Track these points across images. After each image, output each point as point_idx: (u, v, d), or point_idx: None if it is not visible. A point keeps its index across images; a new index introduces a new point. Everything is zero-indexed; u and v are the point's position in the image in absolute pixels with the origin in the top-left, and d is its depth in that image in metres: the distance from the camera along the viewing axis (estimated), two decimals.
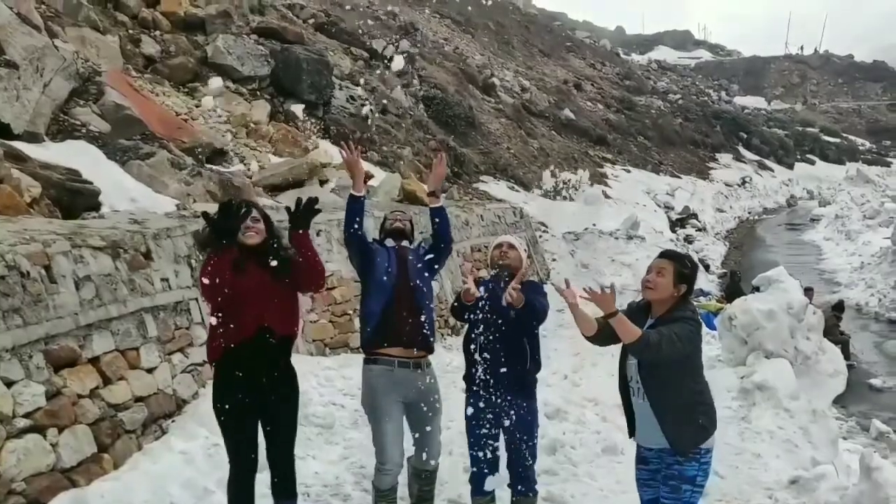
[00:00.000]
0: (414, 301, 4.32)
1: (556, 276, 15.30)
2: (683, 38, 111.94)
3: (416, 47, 28.14)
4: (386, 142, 17.97)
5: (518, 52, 49.55)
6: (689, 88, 72.93)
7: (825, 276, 22.34)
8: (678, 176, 38.51)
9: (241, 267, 3.79)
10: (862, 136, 75.88)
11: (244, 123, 12.96)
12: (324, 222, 8.45)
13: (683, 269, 3.74)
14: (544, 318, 4.25)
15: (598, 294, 3.50)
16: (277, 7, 21.70)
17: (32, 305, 4.26)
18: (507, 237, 4.52)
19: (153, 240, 5.68)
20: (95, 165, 7.73)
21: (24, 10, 8.46)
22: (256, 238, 3.89)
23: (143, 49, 13.32)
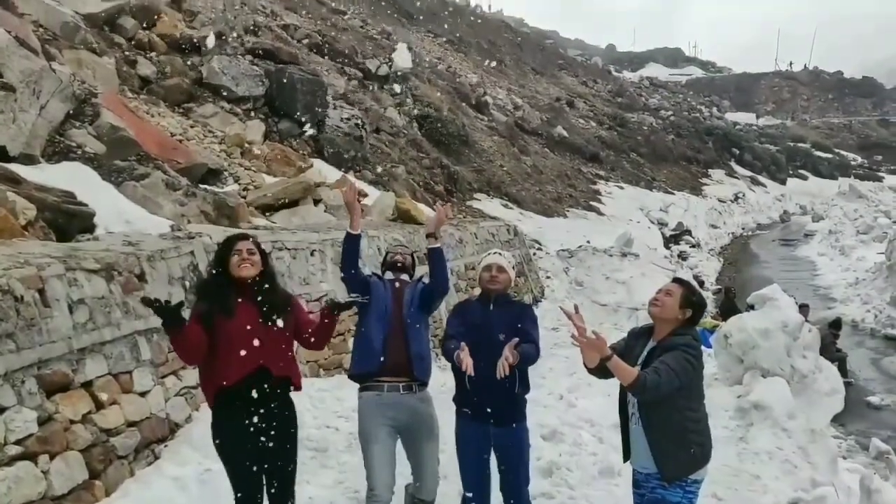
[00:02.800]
0: (407, 339, 4.31)
1: (550, 294, 15.31)
2: (674, 56, 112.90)
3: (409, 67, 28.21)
4: (380, 161, 18.00)
5: (510, 70, 49.84)
6: (680, 105, 73.47)
7: (820, 292, 22.36)
8: (671, 192, 38.65)
9: (230, 309, 3.73)
10: (853, 152, 76.36)
11: (239, 143, 12.97)
12: (318, 242, 8.45)
13: (691, 295, 3.76)
14: (536, 359, 4.23)
15: (590, 340, 3.49)
16: (272, 28, 21.78)
17: (26, 330, 4.24)
18: (496, 257, 4.43)
19: (147, 262, 5.66)
20: (90, 187, 7.70)
21: (22, 34, 8.47)
22: (251, 270, 3.82)
23: (139, 70, 13.35)
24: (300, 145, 15.14)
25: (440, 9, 51.20)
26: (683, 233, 29.68)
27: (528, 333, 4.19)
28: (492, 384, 4.06)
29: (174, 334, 3.64)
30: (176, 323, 3.56)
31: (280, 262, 7.45)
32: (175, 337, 3.66)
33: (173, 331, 3.61)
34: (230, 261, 3.81)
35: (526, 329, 4.20)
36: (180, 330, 3.60)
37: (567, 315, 3.74)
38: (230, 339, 3.70)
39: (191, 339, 3.66)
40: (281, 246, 7.71)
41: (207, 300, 3.78)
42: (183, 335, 3.63)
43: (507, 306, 4.35)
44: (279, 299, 3.89)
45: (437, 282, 4.49)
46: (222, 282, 3.81)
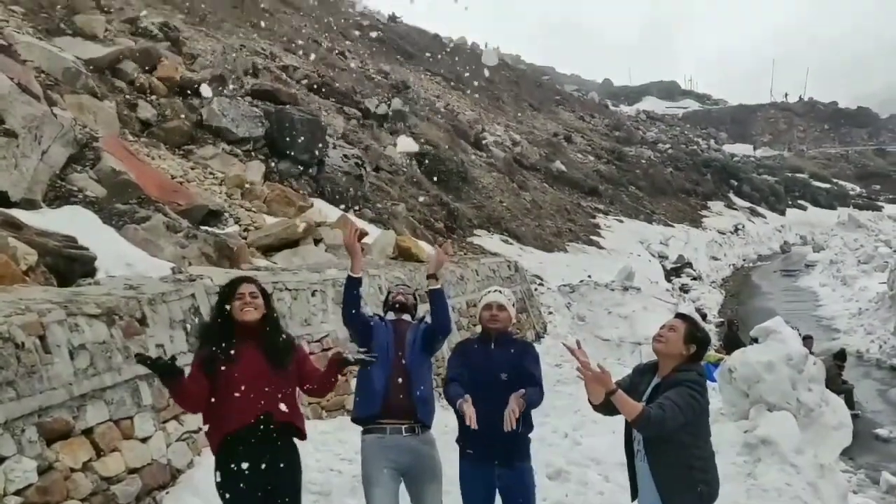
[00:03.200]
0: (410, 382, 4.29)
1: (553, 330, 15.26)
2: (670, 89, 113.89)
3: (407, 105, 28.49)
4: (380, 199, 18.07)
5: (508, 106, 50.26)
6: (677, 138, 73.92)
7: (823, 323, 22.29)
8: (671, 225, 38.73)
9: (233, 353, 3.71)
10: (851, 181, 76.67)
11: (239, 184, 13.02)
12: (319, 282, 8.44)
13: (695, 330, 3.75)
14: (541, 401, 4.21)
15: (595, 374, 3.48)
16: (271, 69, 22.02)
17: (26, 377, 4.21)
18: (496, 296, 4.42)
19: (148, 305, 5.65)
20: (91, 231, 7.72)
21: (24, 81, 8.56)
22: (254, 314, 3.80)
23: (140, 113, 13.46)
24: (300, 185, 15.20)
25: (437, 48, 51.76)
26: (684, 265, 29.67)
27: (530, 374, 4.18)
28: (495, 425, 4.02)
29: (172, 386, 3.65)
30: (172, 376, 3.57)
31: (281, 304, 7.43)
32: (173, 389, 3.67)
33: (171, 383, 3.62)
34: (233, 304, 3.81)
35: (528, 369, 4.19)
36: (178, 382, 3.60)
37: (570, 350, 3.73)
38: (233, 384, 3.68)
39: (190, 389, 3.65)
40: (282, 287, 7.69)
41: (210, 345, 3.77)
42: (181, 386, 3.63)
43: (508, 345, 4.33)
44: (283, 343, 3.87)
45: (438, 323, 4.48)
46: (225, 326, 3.80)
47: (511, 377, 4.14)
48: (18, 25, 13.25)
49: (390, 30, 51.02)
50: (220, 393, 3.69)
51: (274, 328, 3.88)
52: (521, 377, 4.16)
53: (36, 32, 13.45)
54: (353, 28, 45.58)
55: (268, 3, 36.78)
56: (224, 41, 23.06)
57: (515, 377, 4.15)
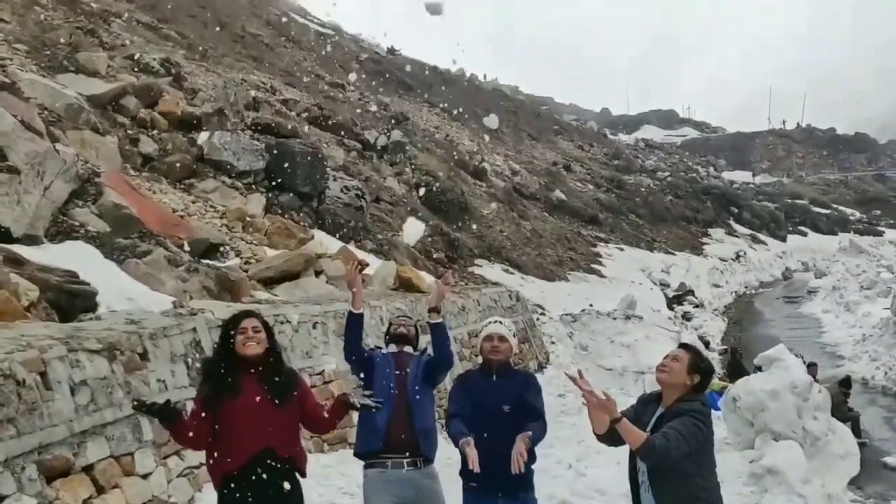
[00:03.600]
0: (412, 416, 4.28)
1: (555, 360, 15.20)
2: (668, 117, 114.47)
3: (407, 136, 28.66)
4: (380, 230, 18.11)
5: (507, 136, 50.54)
6: (677, 165, 74.23)
7: (827, 350, 22.18)
8: (672, 253, 38.74)
9: (236, 388, 3.71)
10: (851, 207, 76.78)
11: (240, 217, 13.06)
12: (320, 314, 8.44)
13: (699, 360, 3.74)
14: (545, 435, 4.20)
15: (600, 401, 3.47)
16: (271, 102, 22.19)
17: (27, 414, 4.19)
18: (497, 326, 4.38)
19: (150, 340, 5.65)
20: (93, 265, 7.73)
21: (27, 118, 8.63)
22: (257, 348, 3.79)
23: (141, 148, 13.54)
24: (301, 217, 15.23)
25: (436, 79, 52.19)
26: (686, 293, 29.61)
27: (532, 407, 4.16)
28: (498, 457, 4.00)
29: (172, 429, 3.68)
30: (171, 419, 3.59)
31: (282, 336, 7.41)
32: (174, 431, 3.69)
33: (170, 426, 3.65)
34: (235, 339, 3.80)
35: (530, 402, 4.17)
36: (177, 423, 3.62)
37: (572, 380, 3.72)
38: (236, 418, 3.67)
39: (191, 428, 3.66)
40: (283, 319, 7.69)
41: (213, 380, 3.76)
42: (181, 427, 3.65)
43: (510, 376, 4.31)
44: (285, 378, 3.86)
45: (440, 357, 4.47)
46: (228, 360, 3.79)
47: (514, 409, 4.12)
48: (22, 63, 13.39)
49: (389, 62, 51.46)
50: (223, 428, 3.68)
51: (276, 362, 3.87)
52: (524, 409, 4.14)
53: (39, 70, 13.58)
54: (353, 61, 46.02)
55: (268, 38, 37.21)
56: (225, 75, 23.27)
57: (518, 409, 4.13)
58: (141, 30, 23.46)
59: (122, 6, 25.10)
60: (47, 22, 16.70)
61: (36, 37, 15.24)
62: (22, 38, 14.81)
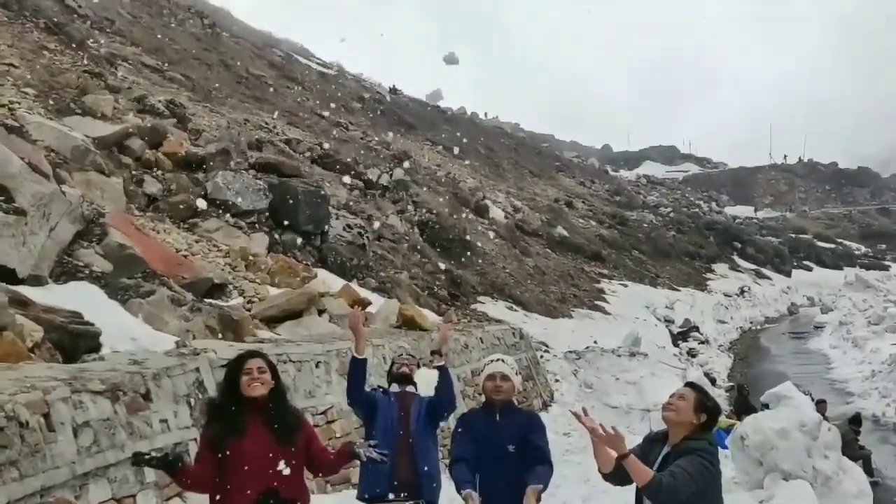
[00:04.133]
0: (415, 459, 4.26)
1: (560, 398, 15.11)
2: (670, 153, 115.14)
3: (408, 174, 28.84)
4: (383, 267, 18.13)
5: (509, 173, 50.87)
6: (679, 201, 74.48)
7: (836, 387, 21.96)
8: (676, 288, 38.68)
9: (241, 428, 3.70)
10: (856, 241, 76.79)
11: (243, 256, 13.10)
12: (323, 353, 8.41)
13: (706, 400, 3.72)
14: (551, 477, 4.19)
15: (608, 436, 3.45)
16: (275, 142, 22.39)
17: (30, 456, 4.18)
18: (499, 365, 4.34)
19: (153, 380, 5.63)
20: (97, 306, 7.75)
21: (34, 160, 8.72)
22: (262, 390, 3.78)
23: (146, 188, 13.65)
24: (304, 256, 15.29)
25: (438, 118, 52.69)
26: (691, 329, 29.49)
27: (537, 447, 4.13)
28: (503, 497, 3.99)
29: (176, 476, 3.69)
30: (172, 467, 3.60)
31: (285, 375, 7.37)
32: (178, 478, 3.70)
33: (173, 474, 3.66)
34: (240, 379, 3.80)
35: (536, 443, 4.14)
36: (181, 471, 3.63)
37: (576, 417, 3.69)
38: (240, 459, 3.65)
39: (194, 474, 3.67)
40: (286, 358, 7.66)
41: (217, 420, 3.76)
42: (185, 474, 3.66)
43: (513, 415, 4.29)
44: (290, 419, 3.85)
45: (443, 401, 4.46)
46: (232, 401, 3.78)
47: (519, 448, 4.09)
48: (30, 106, 13.59)
49: (391, 101, 52.01)
50: (227, 468, 3.67)
51: (281, 403, 3.86)
52: (530, 449, 4.12)
53: (47, 112, 13.78)
54: (355, 100, 46.51)
55: (271, 79, 37.66)
56: (228, 116, 23.54)
57: (523, 448, 4.11)
58: (146, 72, 23.81)
59: (128, 50, 25.50)
60: (55, 66, 16.97)
61: (44, 80, 15.49)
62: (31, 81, 15.05)
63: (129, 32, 28.61)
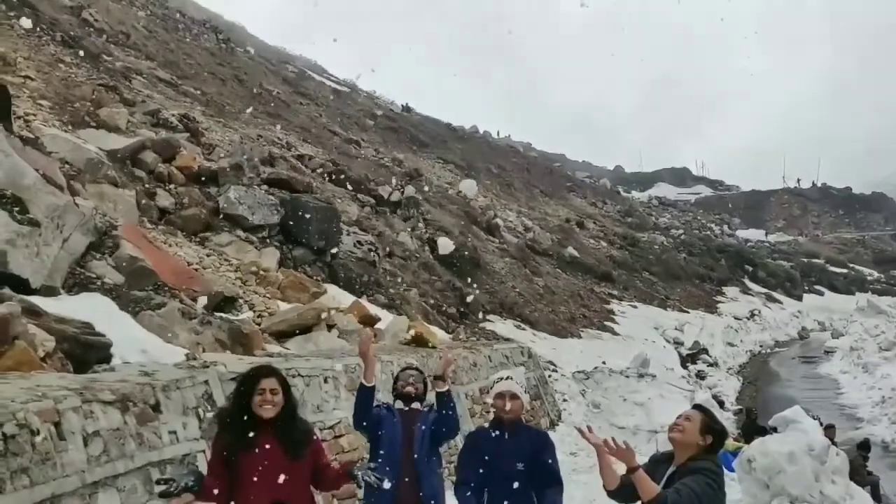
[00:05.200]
0: (419, 481, 4.27)
1: (567, 418, 15.05)
2: (682, 175, 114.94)
3: (420, 192, 28.95)
4: (392, 284, 18.18)
5: (520, 193, 50.93)
6: (690, 223, 74.35)
7: (846, 412, 21.79)
8: (686, 310, 38.54)
9: (251, 443, 3.76)
10: (869, 266, 76.30)
11: (254, 271, 13.17)
12: (331, 368, 8.43)
13: (712, 422, 3.74)
14: (562, 495, 4.23)
15: (619, 449, 3.47)
16: (287, 158, 22.54)
17: (40, 464, 4.21)
18: (509, 384, 4.38)
19: (162, 392, 5.66)
20: (108, 317, 7.81)
21: (49, 172, 8.83)
22: (272, 412, 3.84)
23: (158, 202, 13.76)
24: (314, 271, 15.35)
25: (450, 136, 52.91)
26: (700, 352, 29.34)
27: (548, 467, 4.16)
28: None
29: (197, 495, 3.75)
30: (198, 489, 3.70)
31: (294, 390, 7.38)
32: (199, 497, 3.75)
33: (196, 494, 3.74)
34: (253, 398, 3.84)
35: (546, 462, 4.17)
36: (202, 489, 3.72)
37: (581, 434, 3.72)
38: (249, 472, 3.71)
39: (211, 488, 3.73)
40: (295, 373, 7.68)
41: (228, 434, 3.80)
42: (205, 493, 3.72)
43: (522, 433, 4.31)
44: (300, 436, 3.89)
45: (446, 426, 4.45)
46: (244, 417, 3.83)
47: (528, 466, 4.11)
48: (46, 118, 13.74)
49: (403, 119, 52.29)
50: (237, 481, 3.72)
51: (291, 421, 3.90)
52: (540, 469, 4.13)
53: (62, 125, 13.93)
54: (368, 117, 46.79)
55: (284, 95, 37.97)
56: (241, 131, 23.73)
57: (532, 467, 4.12)
58: (161, 86, 24.05)
59: (143, 64, 25.79)
60: (71, 79, 17.18)
61: (59, 93, 15.67)
62: (46, 94, 15.23)
63: (144, 47, 28.95)
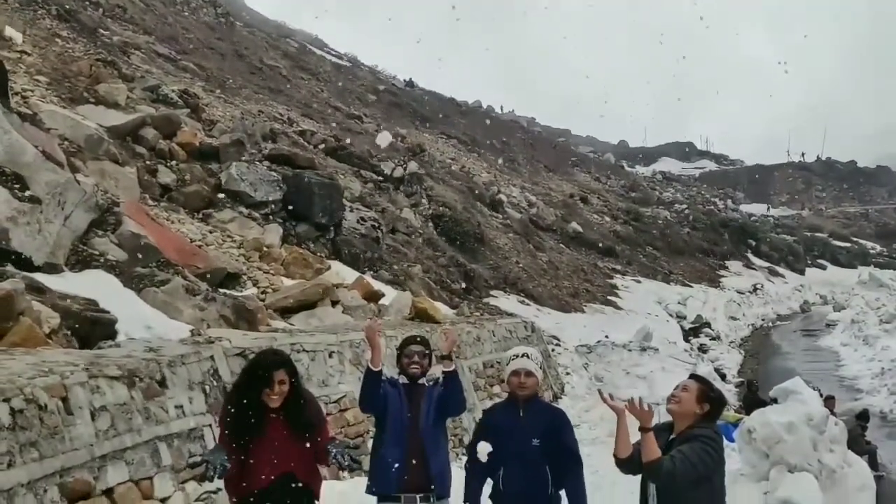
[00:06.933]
0: (426, 457, 4.31)
1: (570, 391, 15.15)
2: (686, 150, 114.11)
3: (423, 167, 28.88)
4: (396, 260, 18.21)
5: (524, 168, 50.77)
6: (694, 198, 74.05)
7: (846, 383, 21.90)
8: (689, 285, 38.56)
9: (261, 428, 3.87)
10: (872, 240, 76.03)
11: (257, 247, 13.20)
12: (336, 343, 8.50)
13: (709, 390, 3.79)
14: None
15: (641, 409, 3.56)
16: (289, 134, 22.48)
17: (49, 438, 4.28)
18: (524, 361, 4.39)
19: (168, 367, 5.73)
20: (112, 294, 7.86)
21: (48, 149, 8.82)
22: (277, 402, 3.93)
23: (160, 178, 13.74)
24: (318, 248, 15.37)
25: (453, 111, 52.66)
26: (703, 325, 29.42)
27: (567, 447, 4.24)
28: (527, 490, 4.18)
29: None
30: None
31: (299, 365, 7.44)
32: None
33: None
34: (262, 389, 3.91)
35: (566, 442, 4.25)
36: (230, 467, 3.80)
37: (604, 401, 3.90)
38: (260, 451, 3.85)
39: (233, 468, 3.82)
40: (300, 348, 7.76)
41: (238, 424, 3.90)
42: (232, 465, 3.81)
43: (537, 410, 4.38)
44: (307, 419, 3.99)
45: (452, 404, 4.48)
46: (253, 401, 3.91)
47: (543, 443, 4.19)
48: (43, 95, 13.67)
49: (406, 94, 52.00)
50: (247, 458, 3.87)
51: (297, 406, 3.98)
52: (556, 446, 4.24)
53: (60, 101, 13.86)
54: (370, 93, 46.56)
55: (285, 70, 37.76)
56: (242, 107, 23.65)
57: (547, 443, 4.20)
58: (160, 61, 23.91)
59: (140, 38, 25.63)
60: (68, 54, 17.06)
61: (57, 69, 15.56)
62: (43, 69, 15.13)
63: (141, 21, 28.72)
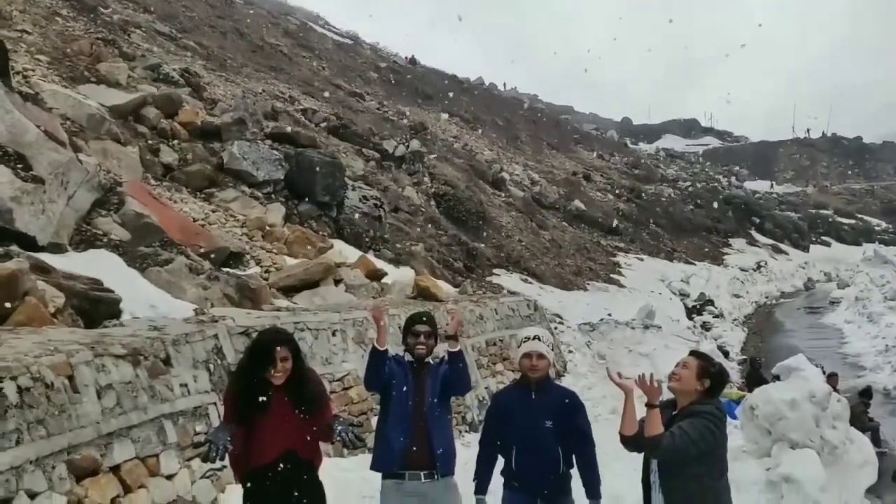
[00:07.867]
0: (430, 435, 4.33)
1: (573, 369, 15.20)
2: (690, 126, 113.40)
3: (425, 146, 28.78)
4: (399, 239, 18.22)
5: (526, 146, 50.57)
6: (698, 175, 73.66)
7: (849, 361, 21.91)
8: (692, 262, 38.53)
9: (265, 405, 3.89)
10: (877, 217, 75.62)
11: (260, 226, 13.21)
12: (339, 322, 8.53)
13: (709, 366, 3.80)
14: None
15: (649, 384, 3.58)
16: (290, 112, 22.41)
17: (56, 416, 4.32)
18: (536, 344, 4.39)
19: (172, 346, 5.76)
20: (116, 273, 7.89)
21: (51, 128, 8.81)
22: (281, 380, 3.95)
23: (162, 158, 13.74)
24: (320, 226, 15.38)
25: (455, 88, 52.38)
26: (706, 303, 29.40)
27: (577, 425, 4.26)
28: (538, 469, 4.24)
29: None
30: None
31: (302, 343, 7.49)
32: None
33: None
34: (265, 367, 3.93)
35: (579, 424, 4.30)
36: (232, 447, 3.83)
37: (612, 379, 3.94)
38: (264, 428, 3.88)
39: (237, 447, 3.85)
40: (303, 327, 7.79)
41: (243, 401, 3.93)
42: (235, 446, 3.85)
43: (549, 391, 4.41)
44: (310, 395, 4.00)
45: (458, 384, 4.49)
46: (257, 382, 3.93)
47: (556, 424, 4.22)
48: (44, 74, 13.63)
49: (408, 71, 51.72)
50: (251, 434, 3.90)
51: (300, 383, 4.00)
52: (568, 427, 4.29)
53: (61, 81, 13.81)
54: (371, 70, 46.31)
55: (286, 48, 37.54)
56: (244, 85, 23.55)
57: (559, 424, 4.25)
58: (160, 40, 23.79)
59: (141, 17, 25.48)
60: (68, 33, 16.98)
61: (57, 48, 15.50)
62: (44, 48, 15.06)
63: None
